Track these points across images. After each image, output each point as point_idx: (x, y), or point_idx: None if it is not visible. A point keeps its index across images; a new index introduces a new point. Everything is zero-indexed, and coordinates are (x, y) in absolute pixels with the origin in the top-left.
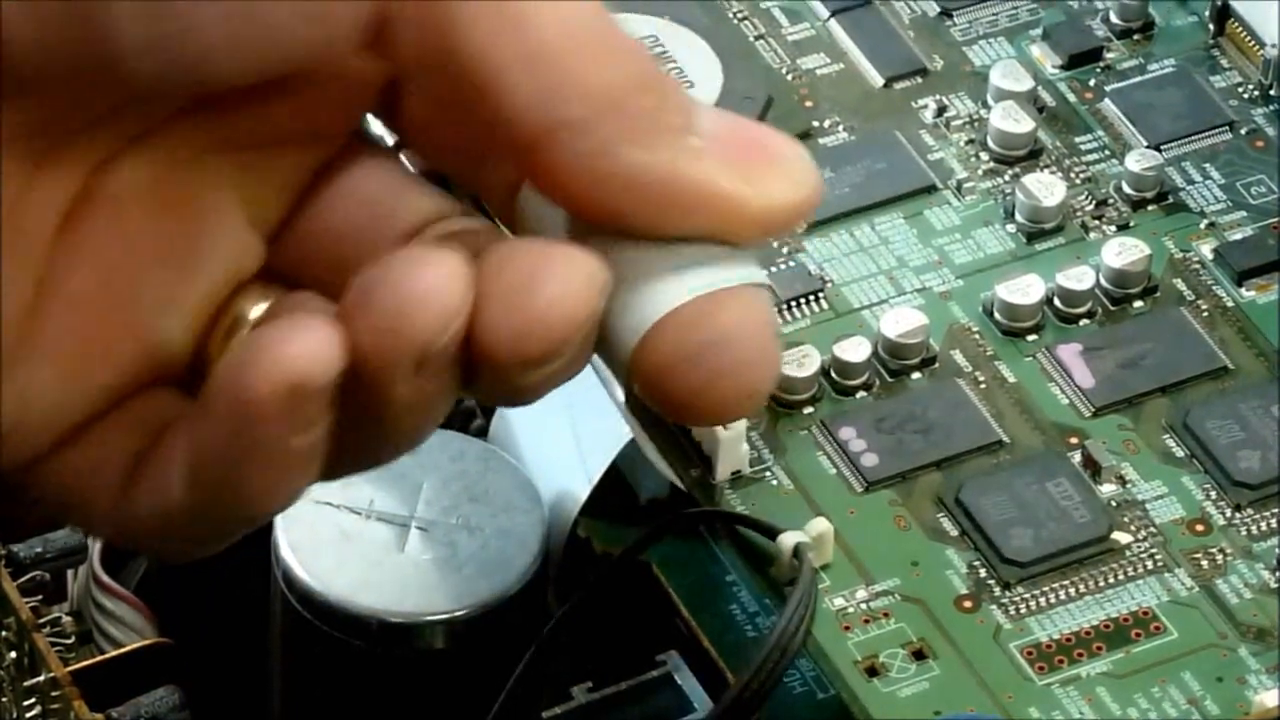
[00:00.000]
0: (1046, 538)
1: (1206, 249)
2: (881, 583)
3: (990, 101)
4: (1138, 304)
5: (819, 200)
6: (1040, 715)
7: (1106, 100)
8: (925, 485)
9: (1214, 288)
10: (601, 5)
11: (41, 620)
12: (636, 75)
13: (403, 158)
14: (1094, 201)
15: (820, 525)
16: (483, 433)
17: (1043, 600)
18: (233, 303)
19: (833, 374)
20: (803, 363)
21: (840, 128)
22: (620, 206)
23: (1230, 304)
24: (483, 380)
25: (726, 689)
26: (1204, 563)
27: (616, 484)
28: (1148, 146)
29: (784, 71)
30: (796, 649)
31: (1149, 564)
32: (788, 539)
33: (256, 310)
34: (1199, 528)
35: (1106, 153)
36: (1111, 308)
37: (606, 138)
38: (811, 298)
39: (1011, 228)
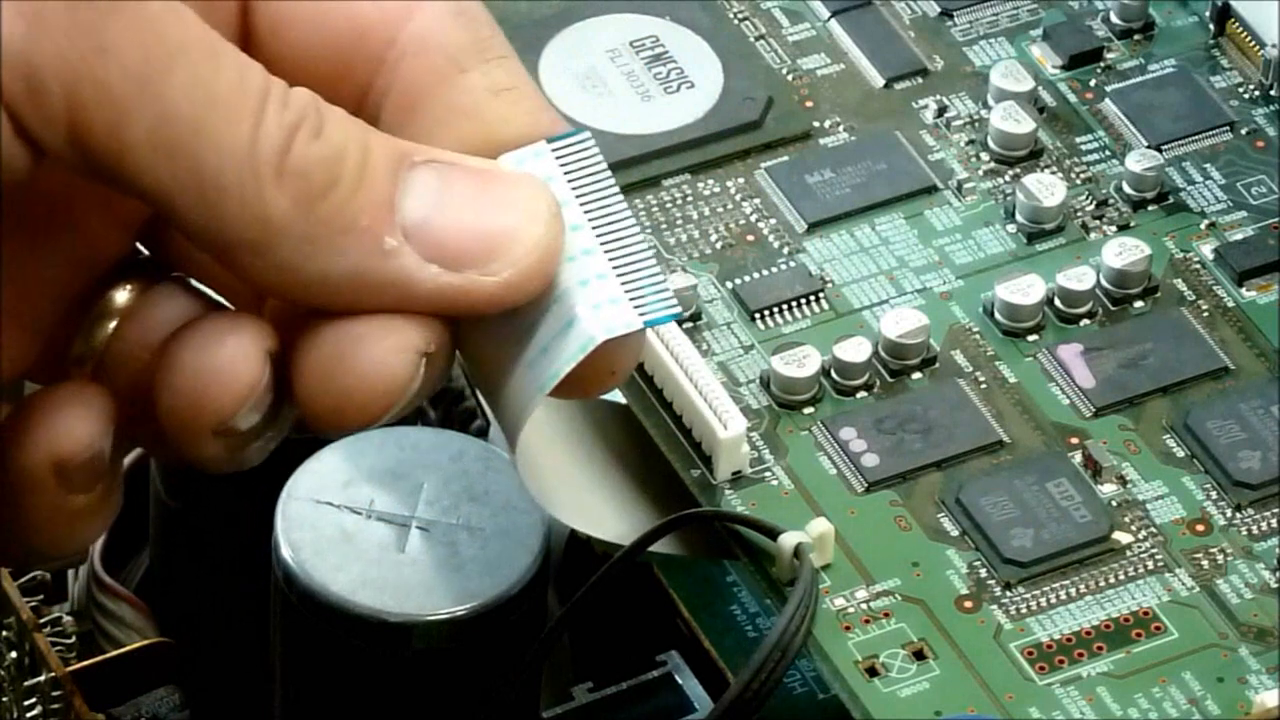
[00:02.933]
0: (1047, 538)
1: (1207, 249)
2: (882, 583)
3: (991, 102)
4: (1138, 304)
5: (550, 259)
6: (1041, 715)
7: (1107, 100)
8: (926, 485)
9: (1214, 288)
10: (287, 114)
11: (42, 620)
12: (309, 193)
13: None
14: (1094, 202)
15: (821, 525)
16: (483, 433)
17: (1043, 600)
18: (102, 290)
19: (833, 374)
20: (803, 363)
21: (841, 128)
22: (323, 304)
23: (1231, 304)
24: (308, 424)
25: (727, 689)
26: (1204, 563)
27: None
28: (1148, 147)
29: (784, 72)
30: (797, 649)
31: (1149, 564)
32: (789, 539)
33: (123, 297)
34: (1199, 528)
35: (1107, 153)
36: (1112, 308)
37: (283, 255)
38: (812, 298)
39: (1012, 228)
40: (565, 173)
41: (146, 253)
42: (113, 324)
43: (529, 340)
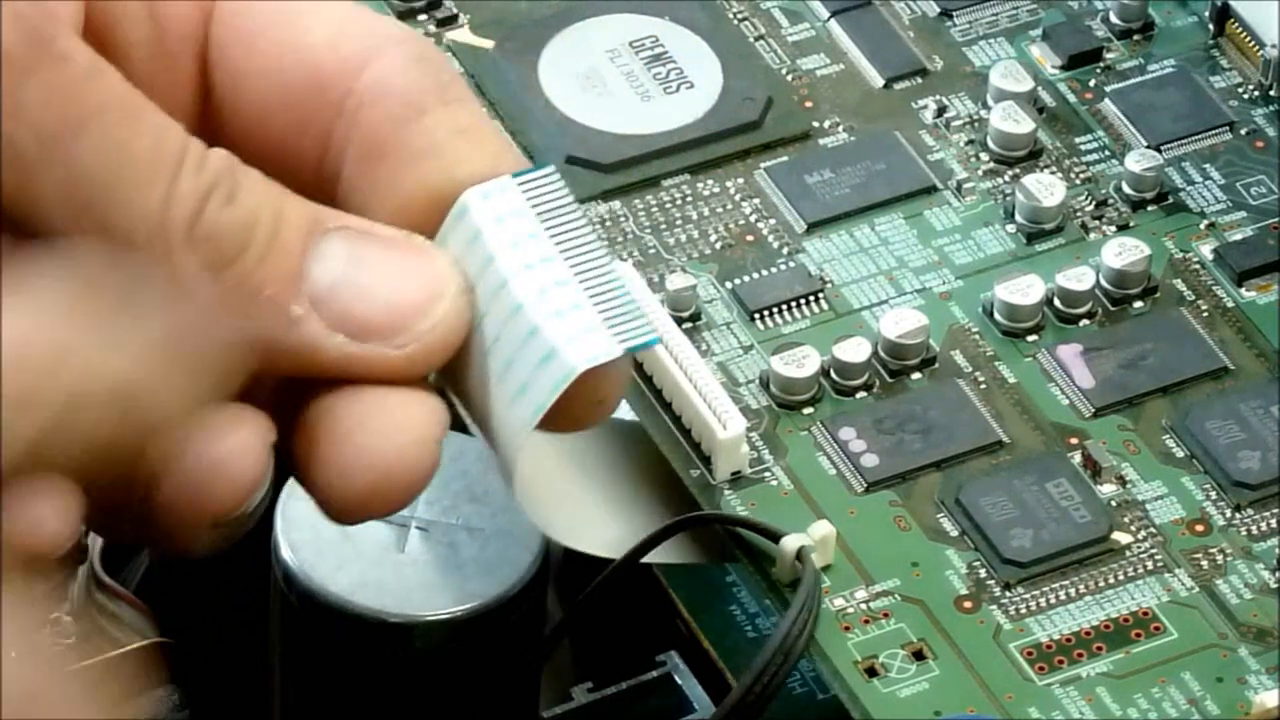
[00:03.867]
0: (1046, 538)
1: (1206, 249)
2: (881, 583)
3: (990, 102)
4: (1138, 304)
5: (455, 334)
6: (1040, 715)
7: (1106, 100)
8: (925, 486)
9: (1214, 288)
10: (201, 178)
11: None
12: (218, 259)
13: None
14: (1094, 202)
15: (823, 528)
16: None
17: (1043, 600)
18: None
19: (833, 374)
20: (803, 363)
21: (840, 128)
22: (230, 367)
23: (1230, 304)
24: (324, 513)
25: (726, 689)
26: (1204, 563)
27: None
28: (1148, 147)
29: (784, 72)
30: (800, 653)
31: (1149, 564)
32: (791, 542)
33: None
34: (1199, 528)
35: (1106, 153)
36: (1111, 308)
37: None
38: (811, 298)
39: (1011, 228)
40: (532, 206)
41: None
42: None
43: (509, 378)
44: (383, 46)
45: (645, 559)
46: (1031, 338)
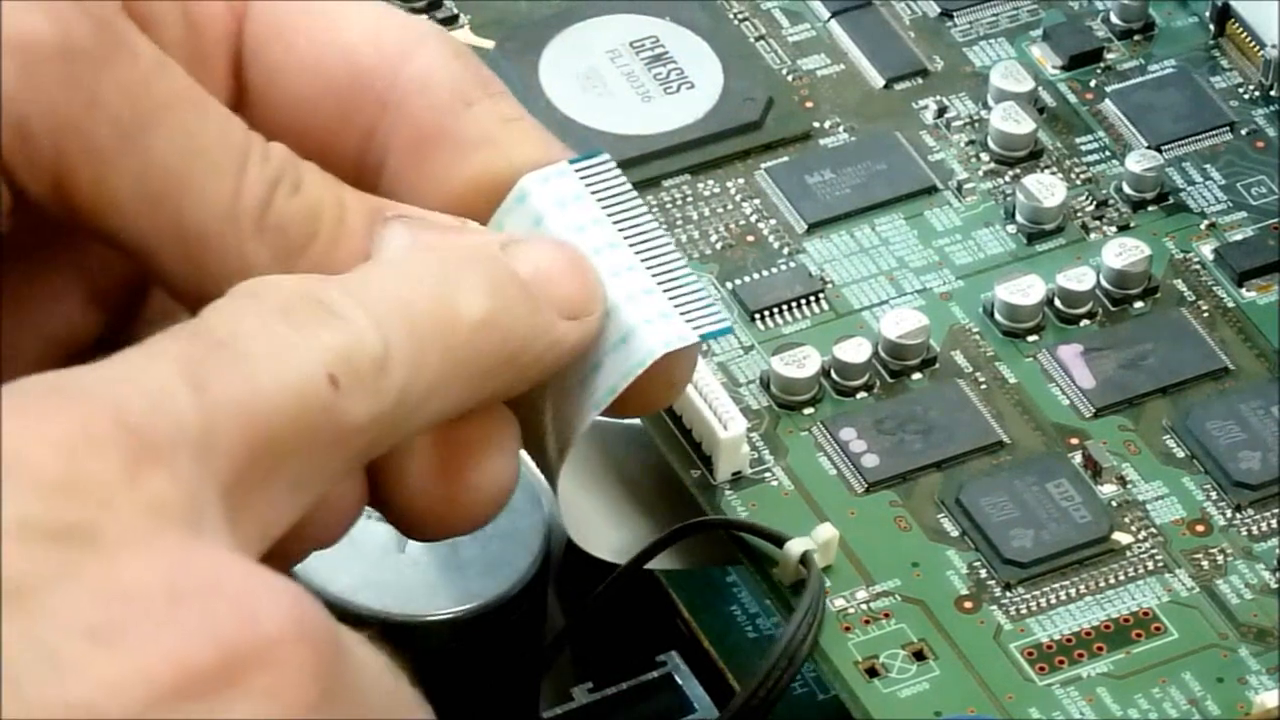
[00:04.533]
0: (1047, 538)
1: (1207, 250)
2: (882, 583)
3: (991, 102)
4: (1138, 305)
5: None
6: (1041, 716)
7: (1107, 101)
8: (926, 486)
9: (1214, 288)
10: (268, 169)
11: None
12: (288, 247)
13: None
14: (1094, 202)
15: (826, 531)
16: None
17: (1043, 601)
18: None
19: (833, 375)
20: (803, 364)
21: (841, 129)
22: None
23: (1230, 305)
24: (406, 533)
25: (727, 690)
26: (1204, 563)
27: None
28: (1148, 147)
29: (784, 72)
30: (804, 657)
31: (1149, 564)
32: (795, 546)
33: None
34: (1199, 528)
35: (1107, 153)
36: (1112, 308)
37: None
38: (812, 299)
39: (1012, 228)
40: (592, 191)
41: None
42: None
43: (581, 357)
44: (422, 41)
45: (649, 565)
46: (1032, 338)
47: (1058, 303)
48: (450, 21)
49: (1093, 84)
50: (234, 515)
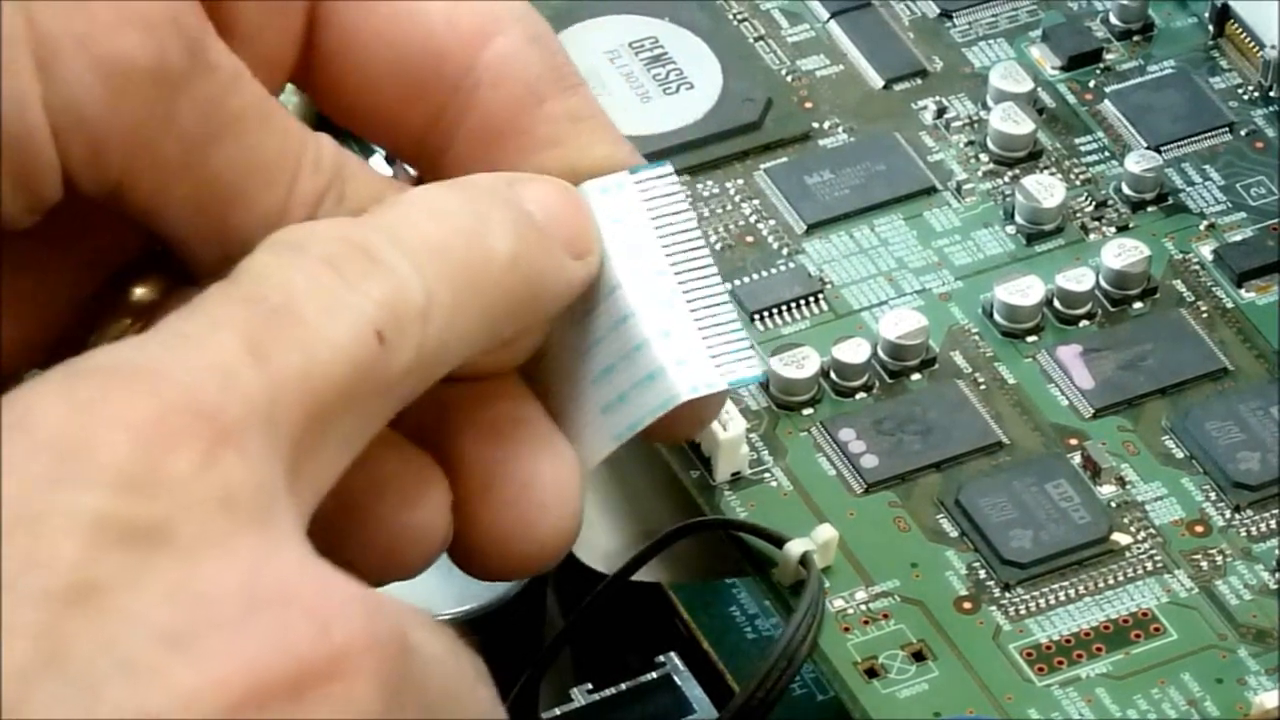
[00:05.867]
0: (1046, 539)
1: (1206, 250)
2: (881, 584)
3: (990, 103)
4: (1137, 305)
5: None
6: (1040, 716)
7: (1106, 101)
8: (925, 487)
9: (1214, 289)
10: (318, 178)
11: None
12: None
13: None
14: (1094, 203)
15: (826, 532)
16: None
17: (1042, 601)
18: (122, 283)
19: (832, 375)
20: (802, 364)
21: (840, 129)
22: None
23: (1230, 305)
24: (474, 571)
25: (726, 690)
26: (1203, 564)
27: None
28: (1147, 148)
29: (784, 73)
30: (804, 658)
31: (1148, 565)
32: (795, 548)
33: (142, 293)
34: (1198, 529)
35: (1106, 154)
36: (1111, 309)
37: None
38: (811, 299)
39: (1011, 229)
40: (648, 208)
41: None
42: (130, 321)
43: (606, 384)
44: (500, 24)
45: (651, 577)
46: (1031, 339)
47: (1057, 303)
48: None
49: (1092, 85)
50: (293, 486)
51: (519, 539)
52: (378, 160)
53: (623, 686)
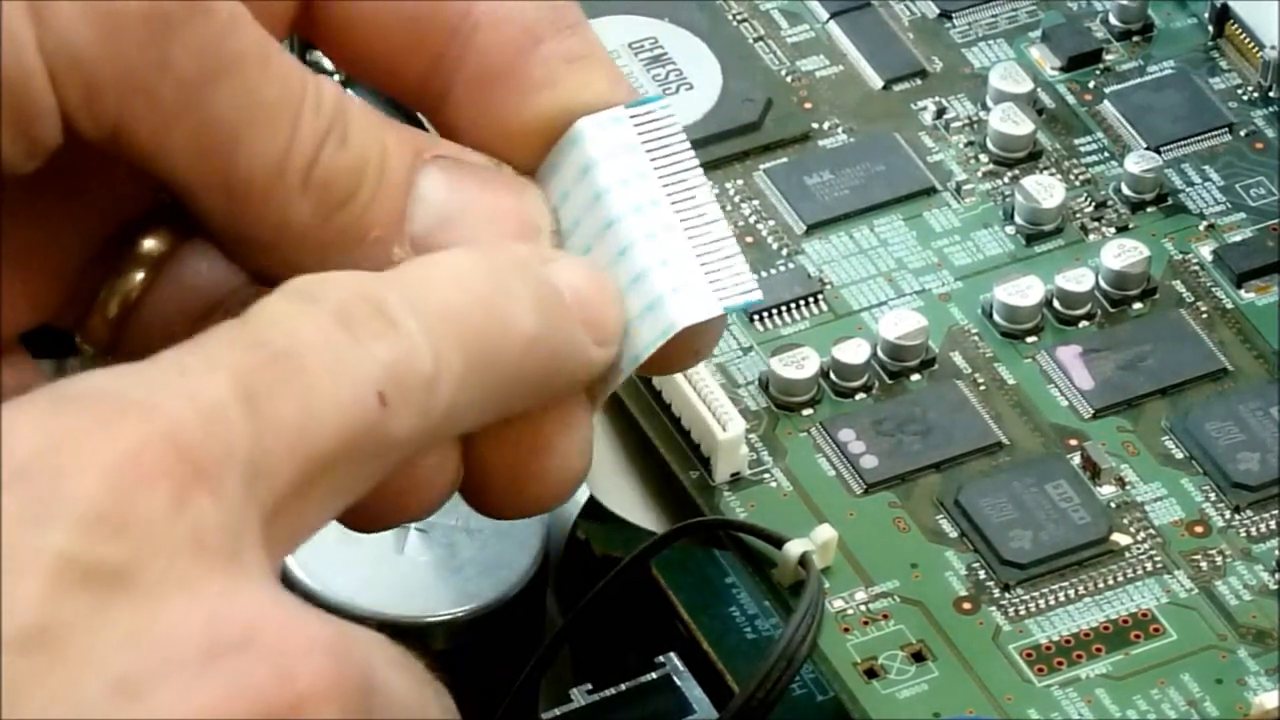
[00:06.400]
0: (1046, 539)
1: (1206, 251)
2: (881, 584)
3: (989, 103)
4: (1137, 306)
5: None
6: (1039, 717)
7: (1106, 102)
8: (925, 487)
9: (1213, 289)
10: (319, 121)
11: None
12: (329, 203)
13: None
14: (1093, 203)
15: (825, 533)
16: None
17: (1042, 602)
18: (132, 236)
19: (832, 376)
20: (802, 365)
21: (840, 130)
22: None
23: (1229, 306)
24: (482, 510)
25: (726, 691)
26: (1203, 564)
27: None
28: (1147, 148)
29: (783, 74)
30: (803, 658)
31: (1148, 566)
32: (795, 548)
33: (153, 245)
34: (1198, 529)
35: (1106, 154)
36: (1111, 310)
37: (295, 258)
38: (810, 300)
39: (1011, 230)
40: (643, 140)
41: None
42: (141, 274)
43: None
44: None
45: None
46: (1031, 339)
47: (1056, 304)
48: None
49: (1092, 85)
50: (270, 529)
51: (528, 478)
52: None
53: (622, 687)
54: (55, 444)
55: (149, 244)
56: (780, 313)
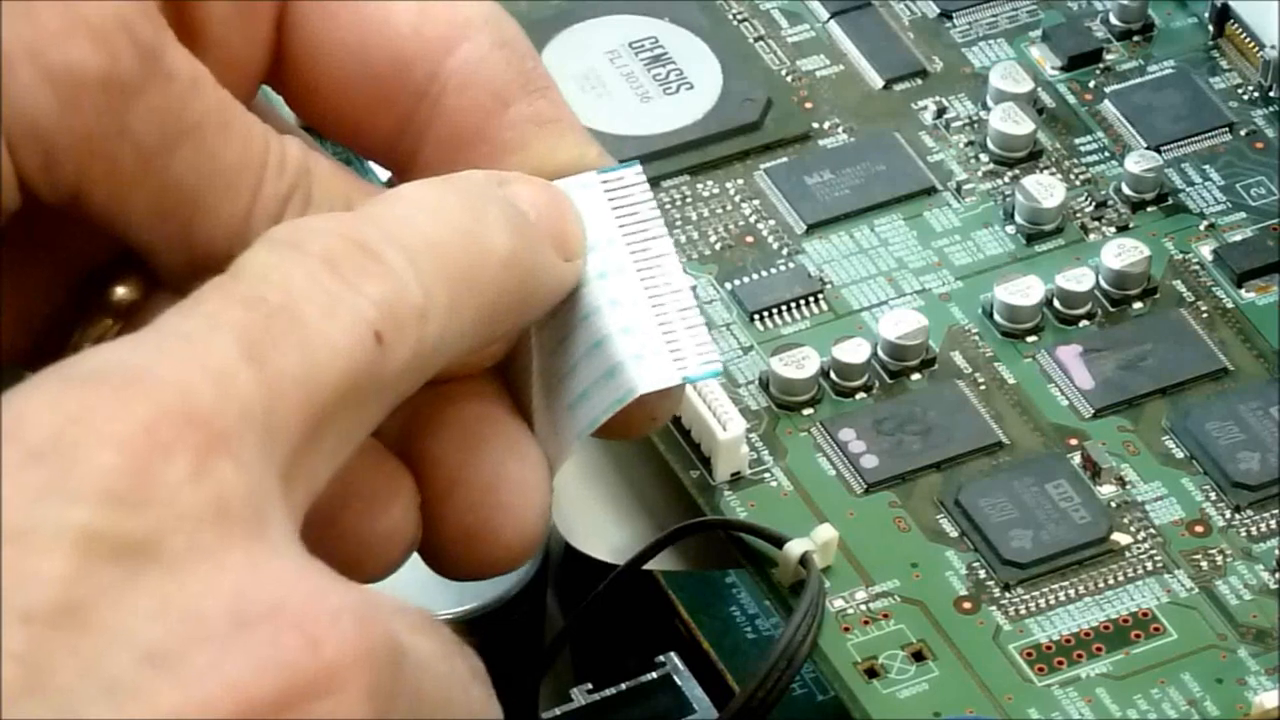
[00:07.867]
0: (1046, 539)
1: (1206, 250)
2: (881, 584)
3: (990, 103)
4: (1137, 305)
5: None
6: (1040, 716)
7: (1106, 102)
8: (925, 487)
9: (1213, 289)
10: (282, 183)
11: None
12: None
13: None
14: (1094, 203)
15: (826, 532)
16: None
17: (1042, 601)
18: (103, 280)
19: (832, 375)
20: (802, 364)
21: (840, 129)
22: None
23: (1230, 305)
24: (441, 570)
25: (726, 690)
26: (1203, 564)
27: None
28: (1147, 148)
29: (784, 73)
30: (804, 658)
31: (1148, 565)
32: (795, 548)
33: (124, 293)
34: (1198, 529)
35: (1106, 154)
36: (1111, 309)
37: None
38: (811, 299)
39: (1011, 229)
40: (613, 208)
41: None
42: (110, 321)
43: (571, 381)
44: (467, 30)
45: (648, 565)
46: (1031, 339)
47: (1057, 303)
48: None
49: (1092, 85)
50: (287, 489)
51: (484, 540)
52: None
53: (623, 686)
54: (70, 422)
55: (120, 292)
56: (780, 312)
